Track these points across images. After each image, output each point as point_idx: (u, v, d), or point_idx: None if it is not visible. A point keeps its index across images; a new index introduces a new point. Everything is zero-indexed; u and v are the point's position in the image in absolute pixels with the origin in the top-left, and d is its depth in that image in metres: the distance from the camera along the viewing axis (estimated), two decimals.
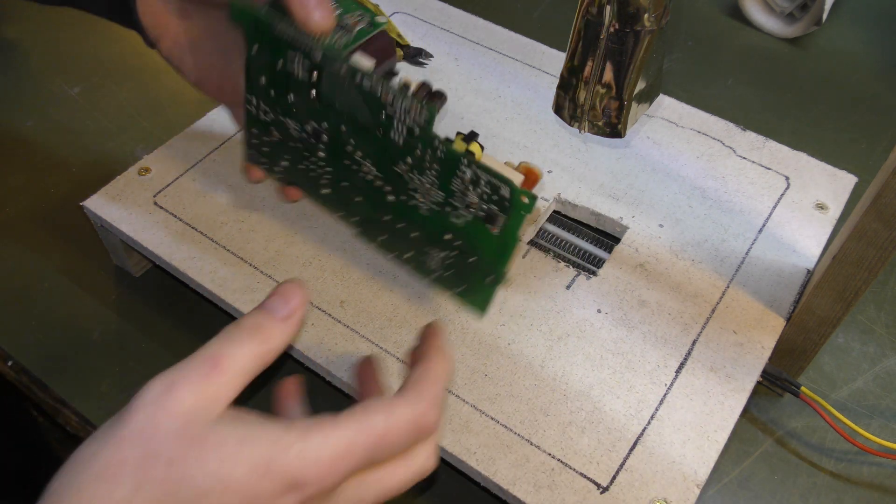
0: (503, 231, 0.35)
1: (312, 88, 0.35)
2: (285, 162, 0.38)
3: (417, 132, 0.34)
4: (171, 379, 0.26)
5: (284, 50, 0.35)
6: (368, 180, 0.36)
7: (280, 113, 0.37)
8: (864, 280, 0.38)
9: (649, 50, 0.37)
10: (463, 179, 0.34)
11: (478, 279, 0.34)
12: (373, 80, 0.34)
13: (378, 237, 0.37)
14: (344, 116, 0.35)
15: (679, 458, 0.37)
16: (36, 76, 0.64)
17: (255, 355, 0.28)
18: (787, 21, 0.69)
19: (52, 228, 0.53)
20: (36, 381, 0.46)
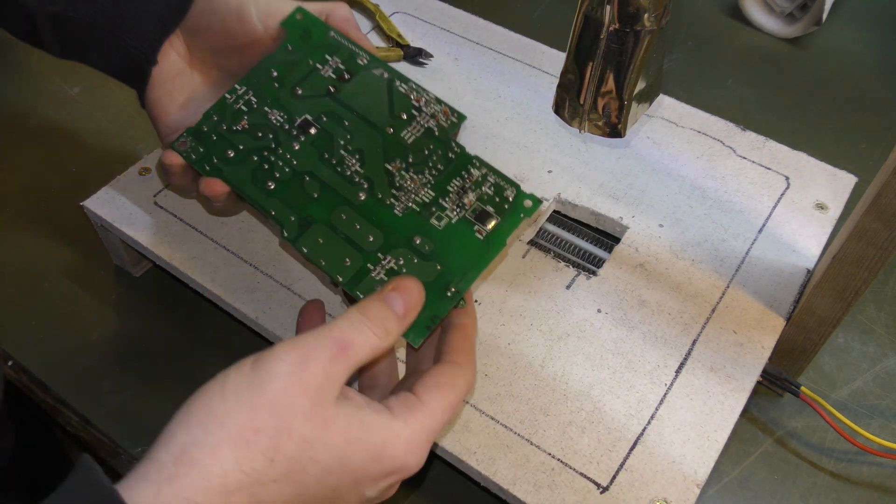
0: (491, 233, 0.34)
1: (332, 86, 0.38)
2: (231, 151, 0.38)
3: (437, 132, 0.36)
4: (304, 353, 0.27)
5: (322, 53, 0.39)
6: (345, 175, 0.36)
7: (269, 104, 0.38)
8: (864, 280, 0.38)
9: (649, 50, 0.37)
10: (467, 180, 0.35)
11: (433, 293, 0.33)
12: (409, 85, 0.38)
13: (313, 240, 0.35)
14: (354, 113, 0.37)
15: (679, 458, 0.37)
16: (36, 76, 0.64)
17: (373, 348, 0.29)
18: (787, 21, 0.69)
19: (52, 228, 0.53)
20: (36, 381, 0.46)
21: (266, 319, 0.41)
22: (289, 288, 0.43)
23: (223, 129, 0.38)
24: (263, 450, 0.26)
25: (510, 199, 0.35)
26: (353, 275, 0.34)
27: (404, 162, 0.36)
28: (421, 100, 0.37)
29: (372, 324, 0.29)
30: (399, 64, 0.56)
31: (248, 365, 0.28)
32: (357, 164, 0.37)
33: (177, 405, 0.48)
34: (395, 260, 0.34)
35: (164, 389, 0.45)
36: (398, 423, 0.28)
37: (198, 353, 0.47)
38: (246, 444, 0.26)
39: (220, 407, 0.27)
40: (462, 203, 0.35)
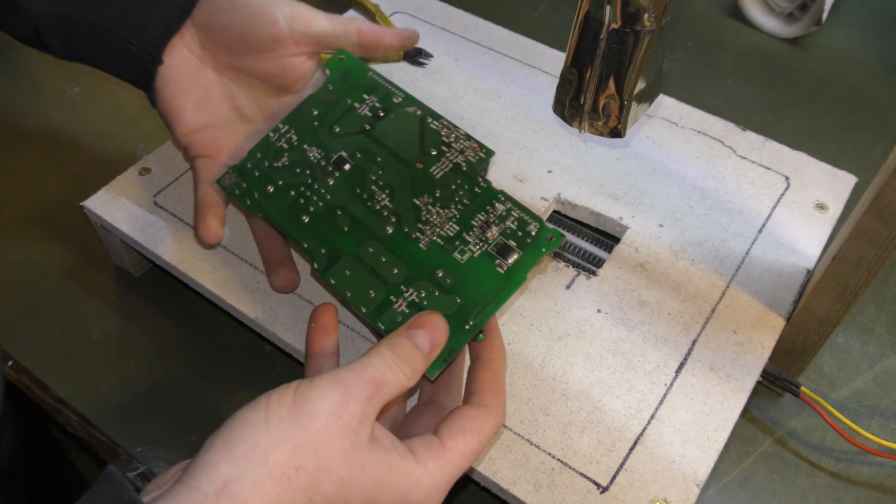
0: (512, 267, 0.35)
1: (368, 123, 0.40)
2: (271, 187, 0.40)
3: (465, 168, 0.38)
4: (345, 392, 0.28)
5: (360, 93, 0.41)
6: (374, 210, 0.38)
7: (308, 142, 0.41)
8: (863, 280, 0.38)
9: (649, 50, 0.37)
10: (492, 214, 0.37)
11: (452, 326, 0.33)
12: (441, 122, 0.40)
13: (341, 273, 0.37)
14: (387, 150, 0.39)
15: (679, 458, 0.37)
16: (36, 76, 0.64)
17: (402, 387, 0.30)
18: (787, 21, 0.69)
19: (52, 228, 0.53)
20: (36, 381, 0.46)
21: (266, 319, 0.41)
22: None
23: (265, 166, 0.40)
24: (303, 488, 0.27)
25: (533, 233, 0.36)
26: (377, 307, 0.36)
27: (431, 197, 0.38)
28: (451, 136, 0.39)
29: (403, 363, 0.30)
30: (399, 64, 0.56)
31: (289, 397, 0.28)
32: (387, 198, 0.38)
33: (177, 405, 0.48)
34: (416, 293, 0.35)
35: (164, 389, 0.45)
36: (419, 470, 0.29)
37: (198, 353, 0.47)
38: (287, 482, 0.26)
39: (265, 440, 0.27)
40: (485, 237, 0.36)
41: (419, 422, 0.33)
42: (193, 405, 0.45)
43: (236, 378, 0.46)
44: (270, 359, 0.47)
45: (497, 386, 0.33)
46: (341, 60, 0.42)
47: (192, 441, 0.43)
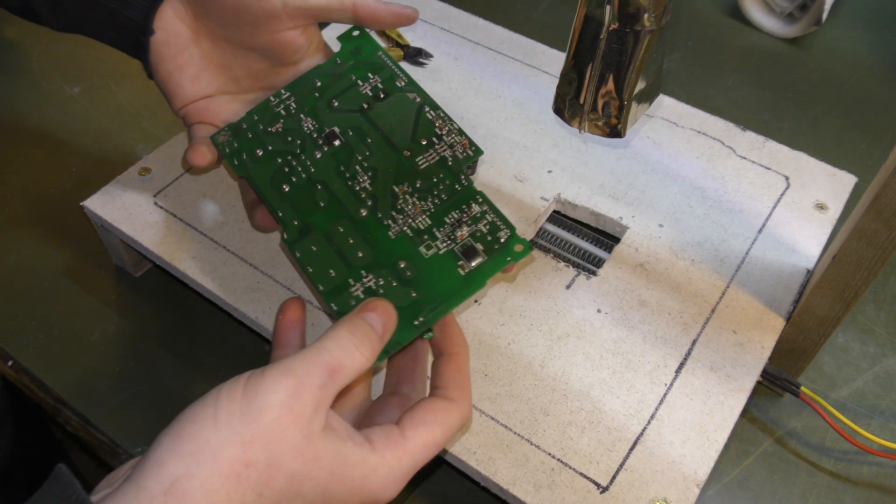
0: (473, 271, 0.35)
1: (366, 103, 0.40)
2: (260, 151, 0.40)
3: (450, 162, 0.37)
4: (296, 382, 0.27)
5: (366, 71, 0.41)
6: (353, 190, 0.38)
7: (305, 112, 0.40)
8: (863, 280, 0.38)
9: (649, 50, 0.37)
10: (466, 214, 0.36)
11: (401, 319, 0.33)
12: (437, 112, 0.39)
13: (307, 249, 0.36)
14: (379, 132, 0.39)
15: (679, 458, 0.37)
16: (36, 76, 0.64)
17: (360, 369, 0.29)
18: (787, 21, 0.69)
19: (52, 228, 0.53)
20: (36, 381, 0.46)
21: (266, 319, 0.41)
22: (289, 288, 0.43)
23: (259, 129, 0.40)
24: (254, 484, 0.26)
25: (502, 240, 0.35)
26: (334, 287, 0.35)
27: (412, 186, 0.37)
28: (444, 128, 0.38)
29: (360, 343, 0.30)
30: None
31: (239, 390, 0.27)
32: (368, 181, 0.38)
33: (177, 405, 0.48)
34: (375, 280, 0.35)
35: (164, 389, 0.45)
36: (376, 459, 0.29)
37: (198, 353, 0.47)
38: (237, 479, 0.26)
39: (213, 437, 0.26)
40: (454, 236, 0.36)
41: (383, 413, 0.33)
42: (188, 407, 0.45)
43: None
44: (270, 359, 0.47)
45: (461, 380, 0.33)
46: (355, 36, 0.42)
47: None
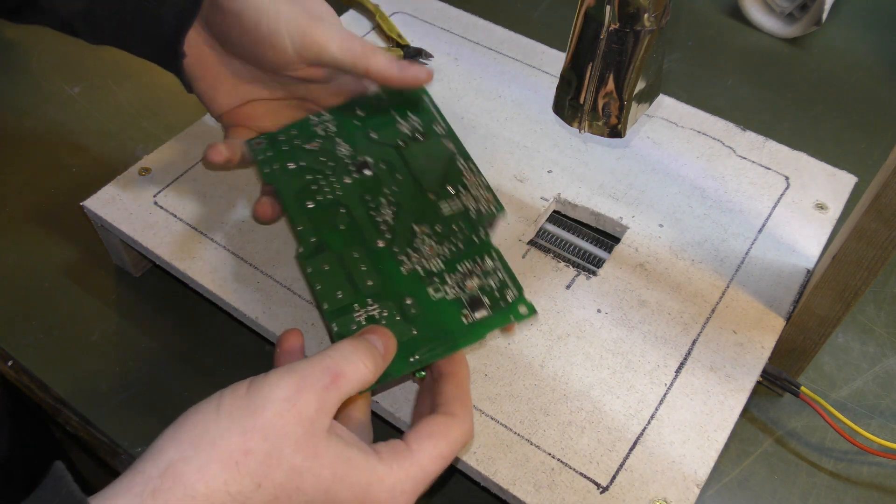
0: (476, 323, 0.35)
1: (403, 141, 0.41)
2: (292, 164, 0.40)
3: (472, 215, 0.38)
4: (299, 381, 0.28)
5: (407, 111, 0.42)
6: (374, 221, 0.38)
7: (343, 136, 0.41)
8: (863, 280, 0.38)
9: (649, 50, 0.37)
10: (479, 266, 0.37)
11: (400, 352, 0.34)
12: (468, 164, 0.40)
13: (319, 266, 0.37)
14: (409, 171, 0.40)
15: (679, 458, 0.37)
16: (36, 76, 0.64)
17: (361, 380, 0.30)
18: (787, 21, 0.69)
19: (52, 228, 0.53)
20: (36, 381, 0.46)
21: (266, 319, 0.41)
22: (289, 288, 0.43)
23: (295, 144, 0.41)
24: (252, 473, 0.26)
25: (508, 299, 0.36)
26: (339, 308, 0.36)
27: (431, 229, 0.38)
28: (472, 180, 0.39)
29: (363, 356, 0.30)
30: None
31: (243, 388, 0.28)
32: (390, 214, 0.39)
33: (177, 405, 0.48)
34: (380, 310, 0.35)
35: (163, 389, 0.45)
36: (383, 468, 0.28)
37: (198, 353, 0.47)
38: (235, 466, 0.26)
39: (214, 427, 0.26)
40: (463, 285, 0.36)
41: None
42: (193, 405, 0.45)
43: (236, 378, 0.46)
44: (270, 359, 0.47)
45: (462, 396, 0.33)
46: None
47: None
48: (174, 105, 0.62)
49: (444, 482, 0.42)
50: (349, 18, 0.59)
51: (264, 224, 0.43)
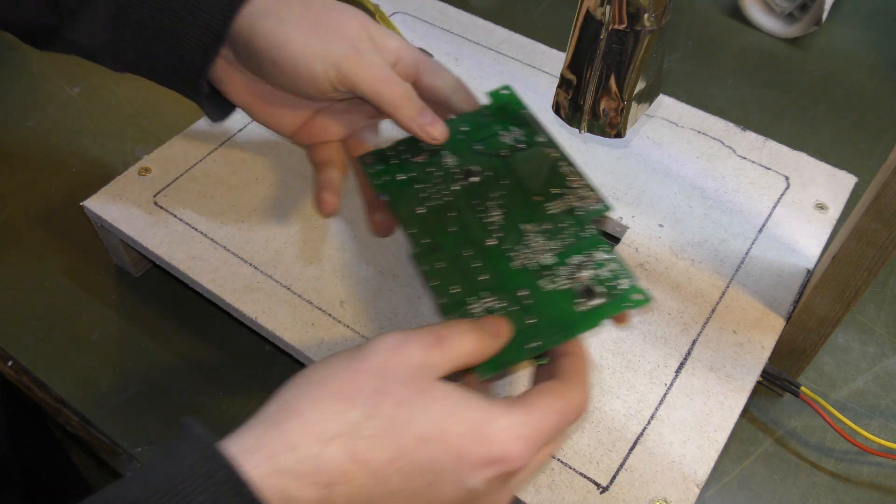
0: (589, 311, 0.36)
1: (506, 151, 0.42)
2: (402, 175, 0.42)
3: (580, 212, 0.39)
4: (403, 337, 0.29)
5: (509, 124, 0.43)
6: (482, 223, 0.39)
7: (449, 149, 0.43)
8: (863, 280, 0.38)
9: (649, 50, 0.37)
10: (589, 259, 0.37)
11: (516, 340, 0.34)
12: (572, 168, 0.41)
13: (433, 264, 0.38)
14: (514, 177, 0.41)
15: (679, 458, 0.37)
16: (36, 76, 0.64)
17: (469, 350, 0.30)
18: (787, 21, 0.69)
19: (52, 228, 0.53)
20: (36, 381, 0.46)
21: (266, 319, 0.41)
22: (289, 288, 0.43)
23: (404, 158, 0.43)
24: (362, 404, 0.27)
25: (621, 287, 0.36)
26: (454, 302, 0.37)
27: (539, 228, 0.39)
28: (576, 182, 0.40)
29: (468, 329, 0.31)
30: None
31: (349, 350, 0.29)
32: (499, 216, 0.40)
33: (177, 405, 0.48)
34: (494, 301, 0.36)
35: (163, 389, 0.45)
36: (498, 409, 0.29)
37: (198, 353, 0.47)
38: (347, 400, 0.27)
39: (324, 371, 0.28)
40: (574, 276, 0.37)
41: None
42: (193, 405, 0.45)
43: (236, 378, 0.46)
44: (270, 359, 0.47)
45: (581, 370, 0.32)
46: (504, 94, 0.44)
47: None
48: (174, 105, 0.62)
49: None
50: None
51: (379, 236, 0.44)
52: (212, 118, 0.44)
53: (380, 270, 0.44)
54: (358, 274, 0.44)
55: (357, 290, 0.43)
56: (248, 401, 0.45)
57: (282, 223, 0.46)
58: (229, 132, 0.51)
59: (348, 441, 0.27)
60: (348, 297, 0.42)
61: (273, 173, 0.49)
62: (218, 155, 0.49)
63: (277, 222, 0.46)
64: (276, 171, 0.49)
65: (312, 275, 0.43)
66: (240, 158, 0.49)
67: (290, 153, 0.50)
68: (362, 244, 0.45)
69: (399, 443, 0.27)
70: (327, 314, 0.42)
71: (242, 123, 0.51)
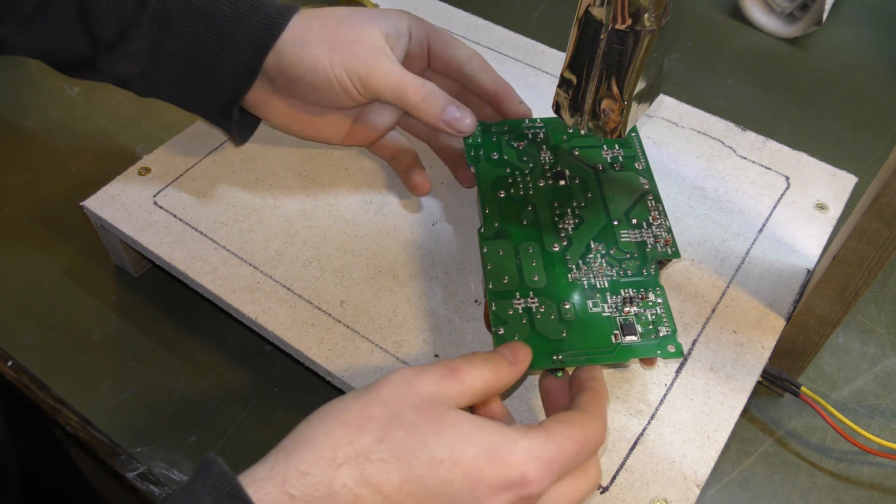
0: (623, 346, 0.36)
1: (602, 165, 0.44)
2: (496, 155, 0.44)
3: (647, 250, 0.40)
4: (416, 370, 0.30)
5: (615, 142, 0.44)
6: (556, 226, 0.41)
7: (549, 146, 0.45)
8: (864, 280, 0.38)
9: (649, 50, 0.37)
10: (640, 297, 0.38)
11: (544, 349, 0.36)
12: (657, 205, 0.42)
13: (494, 249, 0.40)
14: (601, 194, 0.42)
15: (679, 458, 0.37)
16: (36, 76, 0.64)
17: (485, 381, 0.31)
18: (787, 21, 0.69)
19: (52, 228, 0.53)
20: (36, 381, 0.46)
21: (266, 319, 0.41)
22: (289, 288, 0.43)
23: (504, 138, 0.45)
24: (373, 431, 0.27)
25: (660, 334, 0.37)
26: (501, 291, 0.38)
27: (606, 250, 0.40)
28: (657, 220, 0.41)
29: (484, 359, 0.31)
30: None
31: (363, 386, 0.30)
32: (572, 225, 0.41)
33: (177, 405, 0.48)
34: (537, 305, 0.37)
35: (164, 389, 0.45)
36: (515, 433, 0.28)
37: (198, 353, 0.47)
38: (358, 428, 0.28)
39: (339, 404, 0.29)
40: (621, 308, 0.38)
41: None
42: (193, 405, 0.45)
43: (236, 378, 0.46)
44: (270, 359, 0.47)
45: (597, 402, 0.33)
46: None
47: (191, 441, 0.43)
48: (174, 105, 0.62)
49: None
50: None
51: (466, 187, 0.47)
52: (237, 143, 0.45)
53: (380, 270, 0.44)
54: (358, 274, 0.44)
55: (357, 290, 0.43)
56: (248, 401, 0.45)
57: (282, 223, 0.46)
58: None
59: (359, 465, 0.27)
60: (348, 297, 0.42)
61: (273, 173, 0.49)
62: (218, 155, 0.49)
63: (277, 222, 0.46)
64: (276, 171, 0.49)
65: (312, 275, 0.43)
66: (240, 158, 0.49)
67: (289, 153, 0.50)
68: (362, 244, 0.45)
69: (411, 466, 0.27)
70: (327, 314, 0.42)
71: None
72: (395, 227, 0.46)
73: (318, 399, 0.44)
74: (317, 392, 0.45)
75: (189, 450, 0.43)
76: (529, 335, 0.37)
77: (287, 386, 0.45)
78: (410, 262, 0.44)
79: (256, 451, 0.44)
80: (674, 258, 0.40)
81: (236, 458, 0.42)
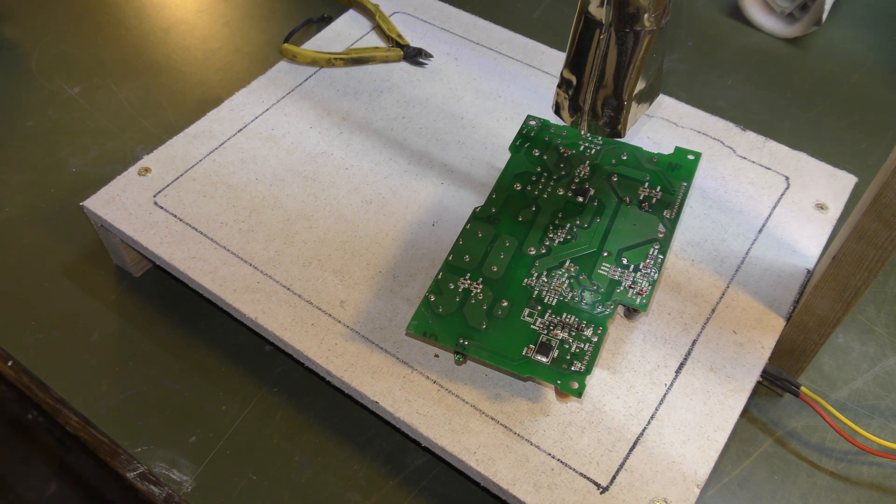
0: (527, 361, 0.37)
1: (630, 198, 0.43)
2: (537, 152, 0.45)
3: (618, 291, 0.39)
4: None
5: (661, 183, 0.44)
6: (546, 235, 0.41)
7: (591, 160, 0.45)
8: (864, 280, 0.38)
9: (649, 50, 0.37)
10: (578, 329, 0.38)
11: (457, 329, 0.37)
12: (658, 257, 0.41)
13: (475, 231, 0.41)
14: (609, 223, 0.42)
15: (679, 458, 0.37)
16: (36, 76, 0.64)
17: None
18: (787, 21, 0.69)
19: (52, 228, 0.53)
20: (36, 381, 0.46)
21: (266, 319, 0.41)
22: (288, 288, 0.43)
23: (552, 140, 0.46)
24: None
25: (572, 368, 0.37)
26: (455, 266, 0.40)
27: (576, 272, 0.40)
28: (647, 269, 0.40)
29: None
30: (399, 64, 0.56)
31: None
32: (560, 239, 0.41)
33: (177, 405, 0.48)
34: (481, 291, 0.39)
35: (164, 389, 0.45)
36: None
37: (198, 353, 0.47)
38: None
39: None
40: (550, 328, 0.38)
41: None
42: (193, 405, 0.45)
43: (236, 378, 0.46)
44: (270, 359, 0.47)
45: None
46: (689, 159, 0.45)
47: (191, 441, 0.43)
48: (174, 105, 0.62)
49: (442, 481, 0.42)
50: (349, 18, 0.59)
51: None
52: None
53: (380, 270, 0.44)
54: (358, 274, 0.44)
55: (357, 290, 0.43)
56: (248, 401, 0.45)
57: (282, 223, 0.46)
58: (229, 132, 0.51)
59: None
60: (348, 297, 0.43)
61: (273, 173, 0.49)
62: (218, 155, 0.49)
63: (277, 222, 0.46)
64: (276, 171, 0.49)
65: (312, 275, 0.43)
66: (240, 158, 0.49)
67: (289, 153, 0.50)
68: (362, 244, 0.45)
69: None
70: (327, 314, 0.42)
71: (242, 123, 0.51)
72: (395, 227, 0.46)
73: (319, 399, 0.44)
74: (317, 392, 0.45)
75: (189, 450, 0.43)
76: (453, 313, 0.38)
77: (287, 386, 0.45)
78: (410, 262, 0.44)
79: (256, 451, 0.44)
80: (640, 310, 0.39)
81: (236, 458, 0.42)
